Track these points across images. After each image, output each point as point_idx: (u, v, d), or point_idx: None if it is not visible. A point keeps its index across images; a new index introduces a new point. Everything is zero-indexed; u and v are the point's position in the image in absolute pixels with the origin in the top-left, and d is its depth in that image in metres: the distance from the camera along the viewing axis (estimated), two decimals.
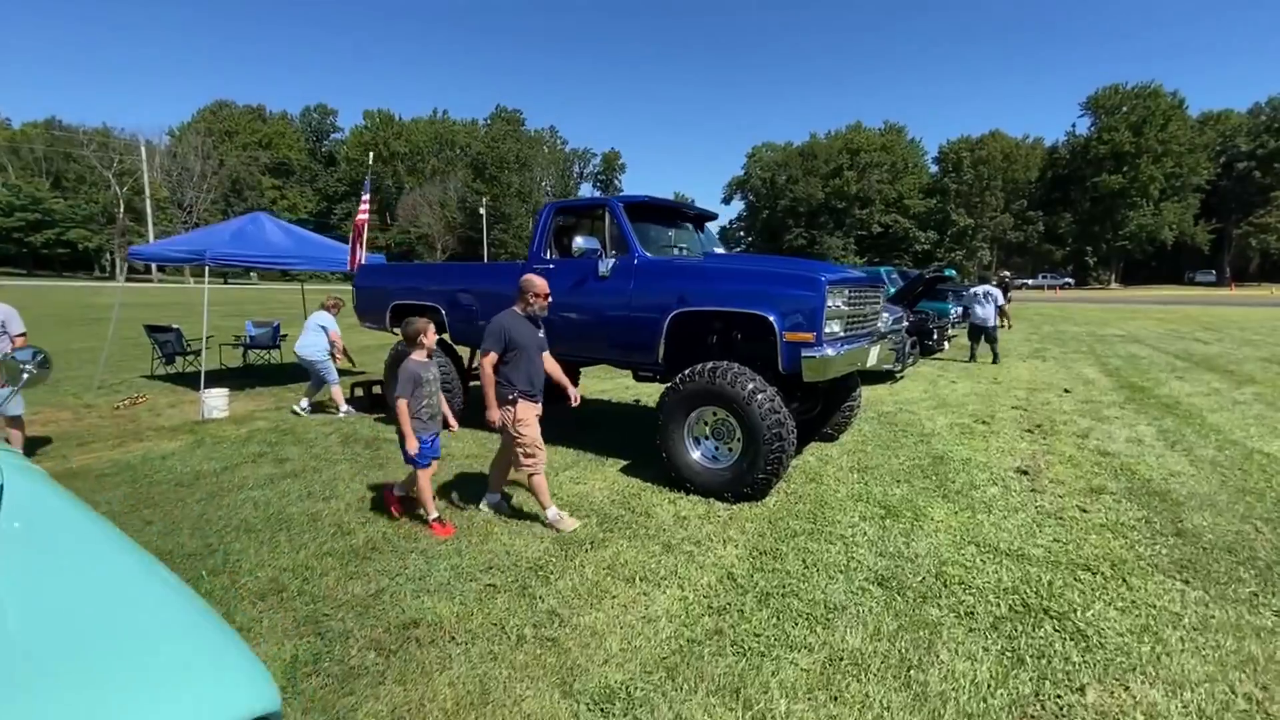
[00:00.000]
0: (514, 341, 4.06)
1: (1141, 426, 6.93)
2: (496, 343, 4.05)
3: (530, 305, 4.21)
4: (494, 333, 4.06)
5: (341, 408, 7.64)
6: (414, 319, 4.24)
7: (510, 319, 4.13)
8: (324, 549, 3.86)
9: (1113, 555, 3.72)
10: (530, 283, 4.23)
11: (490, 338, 4.06)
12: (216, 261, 8.21)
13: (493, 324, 4.09)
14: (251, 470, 5.42)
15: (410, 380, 4.01)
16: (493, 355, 4.04)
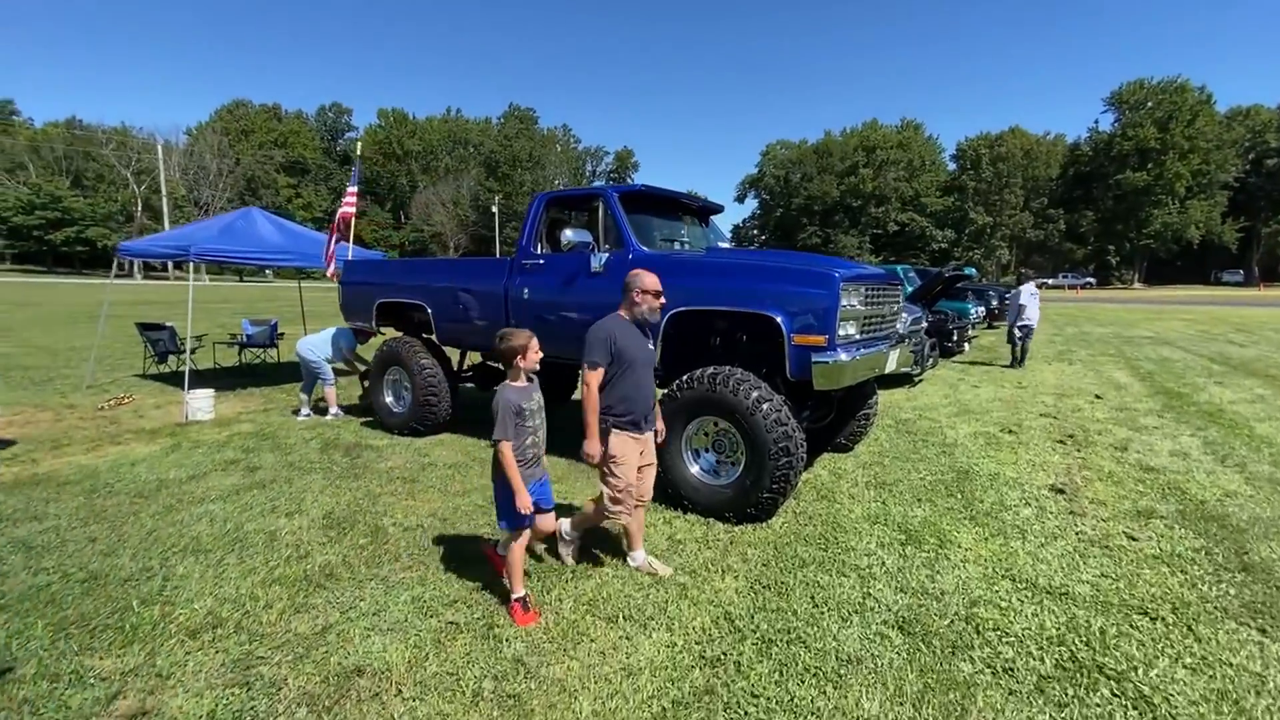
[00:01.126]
0: (621, 354, 3.29)
1: (1185, 437, 6.37)
2: (603, 354, 3.26)
3: (638, 307, 3.41)
4: (598, 342, 3.26)
5: (332, 409, 7.30)
6: (512, 331, 3.15)
7: (617, 325, 3.35)
8: (275, 575, 3.45)
9: (1173, 595, 3.22)
10: (637, 279, 3.41)
11: (595, 348, 3.25)
12: (201, 257, 7.89)
13: (595, 331, 3.30)
14: (219, 480, 5.04)
15: (511, 413, 3.01)
16: (601, 371, 3.27)
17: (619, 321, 3.39)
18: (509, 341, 3.10)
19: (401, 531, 4.02)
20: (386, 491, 4.77)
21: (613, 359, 3.28)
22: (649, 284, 3.41)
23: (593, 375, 3.27)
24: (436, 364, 6.16)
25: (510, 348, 3.09)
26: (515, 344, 3.09)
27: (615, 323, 3.37)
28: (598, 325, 3.35)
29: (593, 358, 3.27)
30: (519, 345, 3.09)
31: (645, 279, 3.41)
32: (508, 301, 5.41)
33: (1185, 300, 37.36)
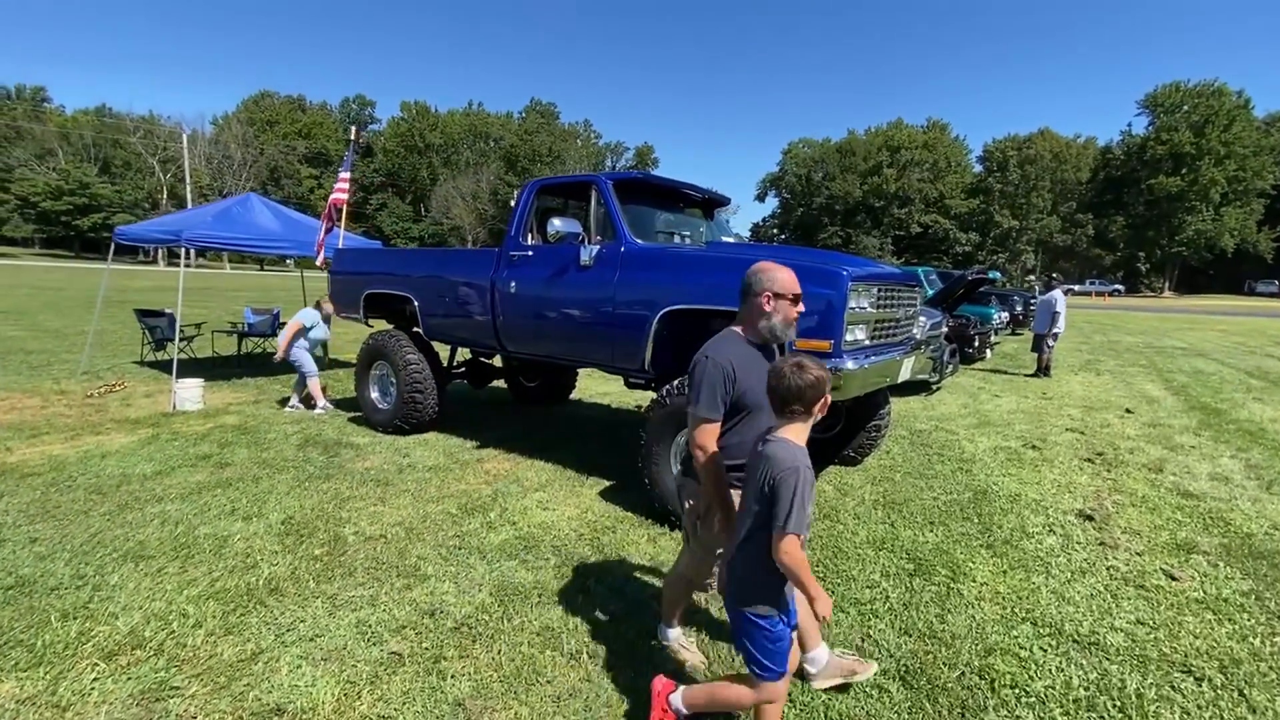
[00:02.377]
0: (743, 397, 2.22)
1: (1225, 459, 5.87)
2: (718, 402, 2.18)
3: (768, 320, 2.32)
4: (713, 382, 2.17)
5: (319, 403, 7.04)
6: (804, 362, 1.91)
7: (736, 352, 2.25)
8: (214, 587, 3.15)
9: (1220, 650, 2.79)
10: (766, 277, 2.32)
11: (706, 392, 2.17)
12: (194, 243, 7.67)
13: (706, 365, 2.19)
14: (185, 476, 4.77)
15: (809, 490, 1.84)
16: (714, 429, 2.21)
17: (739, 345, 2.28)
18: (813, 384, 1.88)
19: (362, 542, 3.71)
20: (356, 495, 4.46)
21: (733, 406, 2.21)
22: (785, 283, 2.29)
23: (705, 432, 2.17)
24: (423, 359, 5.85)
25: (810, 389, 1.88)
26: (821, 385, 1.90)
27: (734, 348, 2.25)
28: (710, 355, 2.20)
29: (701, 408, 2.15)
30: (814, 385, 1.89)
31: (779, 276, 2.30)
32: (494, 295, 5.09)
33: (1218, 310, 36.16)
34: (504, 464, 5.25)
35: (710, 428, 2.19)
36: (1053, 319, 10.88)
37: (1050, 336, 10.91)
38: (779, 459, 1.84)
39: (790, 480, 1.80)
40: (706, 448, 2.19)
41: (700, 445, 2.20)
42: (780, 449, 1.88)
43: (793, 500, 1.78)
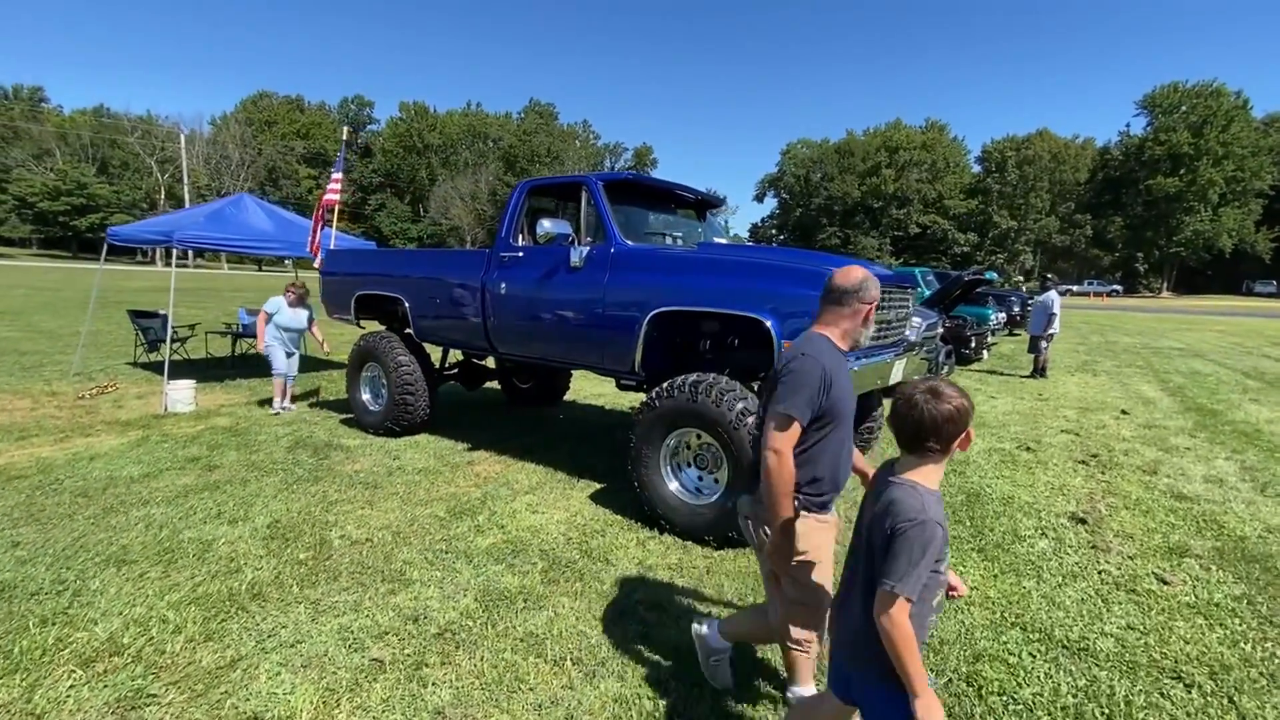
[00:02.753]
0: (833, 405, 2.05)
1: (1220, 461, 5.85)
2: (810, 405, 1.99)
3: (863, 329, 2.18)
4: (808, 383, 1.97)
5: (276, 403, 7.06)
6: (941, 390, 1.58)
7: (831, 357, 2.06)
8: (196, 592, 3.12)
9: (1211, 656, 2.77)
10: (865, 284, 2.12)
11: (799, 392, 1.96)
12: (185, 243, 7.62)
13: (802, 364, 1.99)
14: (172, 479, 4.74)
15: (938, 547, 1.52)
16: (797, 429, 1.99)
17: (833, 351, 2.08)
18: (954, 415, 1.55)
19: (348, 546, 3.68)
20: (344, 498, 4.43)
21: (821, 411, 2.03)
22: (873, 294, 2.13)
23: (787, 436, 1.96)
24: (414, 361, 5.82)
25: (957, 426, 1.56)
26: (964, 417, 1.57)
27: (830, 353, 2.05)
28: (811, 354, 2.00)
29: (793, 407, 1.95)
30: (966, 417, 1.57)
31: (874, 283, 2.14)
32: (485, 296, 5.06)
33: (1216, 310, 36.19)
34: (495, 466, 5.22)
35: (793, 431, 1.97)
36: (1048, 320, 10.87)
37: (1045, 338, 10.89)
38: (904, 507, 1.51)
39: (912, 535, 1.47)
40: (784, 452, 1.95)
41: (777, 449, 1.95)
42: (906, 495, 1.54)
43: (910, 558, 1.46)
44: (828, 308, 2.17)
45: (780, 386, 2.01)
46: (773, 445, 1.97)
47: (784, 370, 2.04)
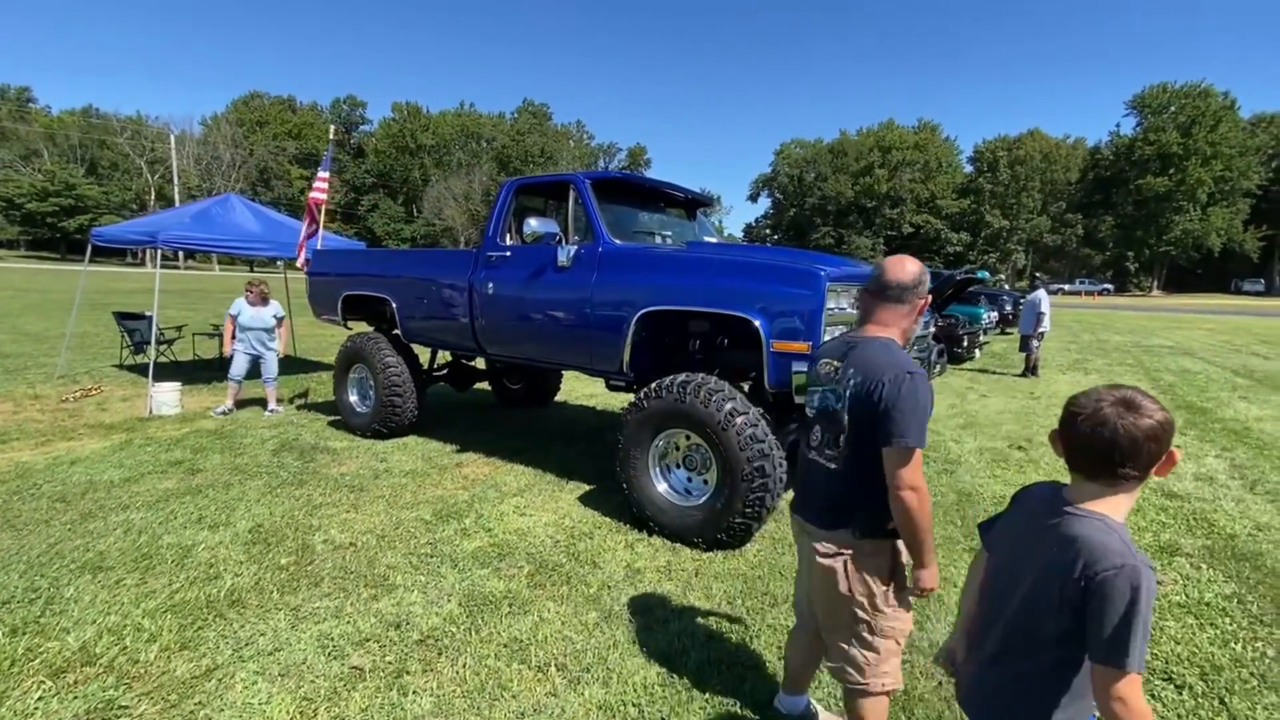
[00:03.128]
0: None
1: (1210, 459, 5.85)
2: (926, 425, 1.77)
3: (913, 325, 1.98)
4: (923, 404, 1.75)
5: (220, 406, 7.01)
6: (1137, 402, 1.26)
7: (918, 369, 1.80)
8: (174, 600, 3.06)
9: (1202, 656, 2.74)
10: (922, 279, 1.93)
11: (918, 415, 1.73)
12: (170, 244, 7.54)
13: (914, 382, 1.74)
14: (153, 483, 4.66)
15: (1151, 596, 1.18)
16: (920, 462, 1.76)
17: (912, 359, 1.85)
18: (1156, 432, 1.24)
19: (331, 550, 3.62)
20: (329, 501, 4.37)
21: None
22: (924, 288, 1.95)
23: (918, 467, 1.73)
24: (402, 362, 5.75)
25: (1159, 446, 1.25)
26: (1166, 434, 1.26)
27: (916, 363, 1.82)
28: (914, 371, 1.75)
29: (918, 436, 1.72)
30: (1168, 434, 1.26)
31: (927, 275, 1.98)
32: (472, 296, 5.00)
33: (1206, 309, 36.42)
34: (483, 468, 5.16)
35: (918, 462, 1.74)
36: (1037, 319, 10.90)
37: (1035, 336, 10.92)
38: (1104, 551, 1.18)
39: (1127, 590, 1.14)
40: (921, 487, 1.73)
41: (915, 484, 1.72)
42: (1101, 534, 1.22)
43: (1134, 621, 1.13)
44: (885, 306, 1.92)
45: (894, 413, 1.71)
46: (910, 482, 1.71)
47: (891, 394, 1.72)
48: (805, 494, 2.03)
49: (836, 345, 2.00)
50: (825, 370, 1.97)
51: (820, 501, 1.93)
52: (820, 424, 1.95)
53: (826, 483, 1.91)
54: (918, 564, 1.82)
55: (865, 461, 1.80)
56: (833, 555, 1.87)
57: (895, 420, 1.71)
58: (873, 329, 1.93)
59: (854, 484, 1.84)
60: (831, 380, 1.92)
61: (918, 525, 1.74)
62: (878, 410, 1.74)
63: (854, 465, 1.84)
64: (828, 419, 1.92)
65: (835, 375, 1.90)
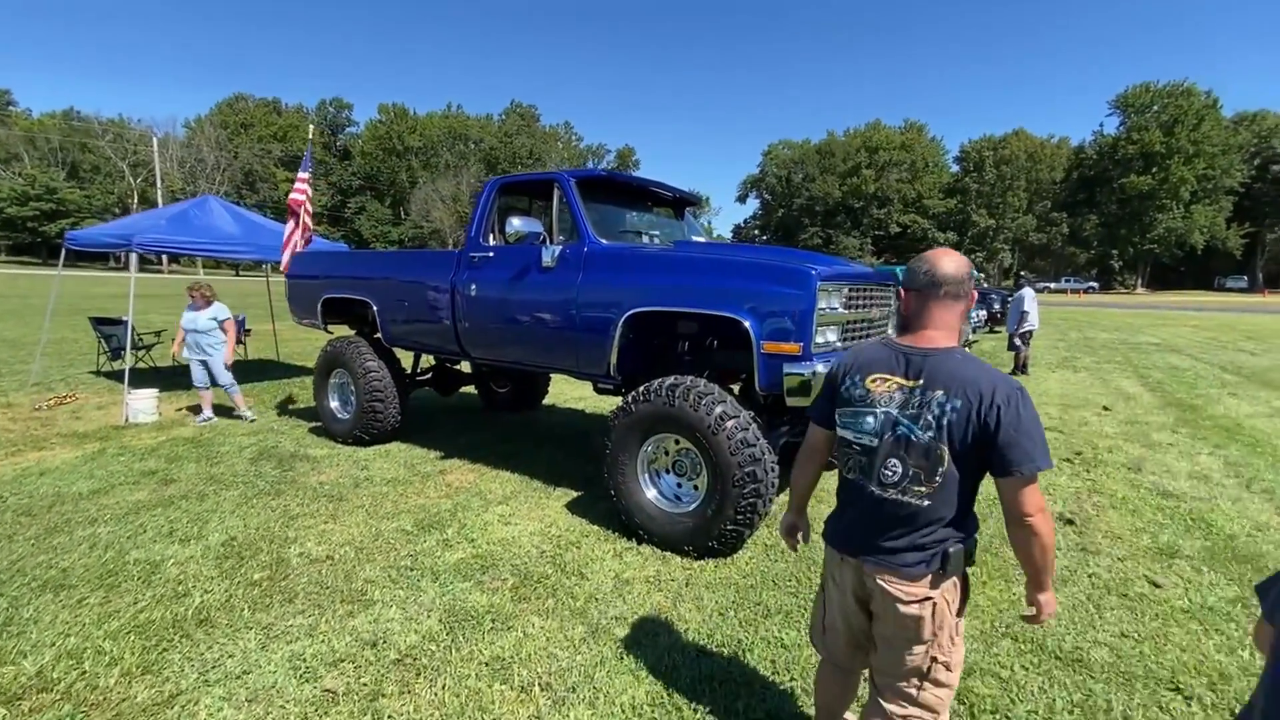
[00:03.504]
0: None
1: (1203, 457, 5.81)
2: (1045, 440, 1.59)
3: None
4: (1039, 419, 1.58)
5: (200, 415, 6.82)
6: None
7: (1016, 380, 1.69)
8: (139, 619, 2.91)
9: (1209, 665, 2.66)
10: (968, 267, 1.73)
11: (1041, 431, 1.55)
12: (144, 247, 7.35)
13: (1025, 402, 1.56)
14: (124, 495, 4.49)
15: None
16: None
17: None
18: None
19: (307, 564, 3.47)
20: (307, 512, 4.22)
21: None
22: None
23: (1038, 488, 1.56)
24: (383, 366, 5.60)
25: None
26: None
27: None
28: (1018, 388, 1.56)
29: (1044, 455, 1.53)
30: None
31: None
32: (455, 299, 4.86)
33: (1190, 305, 36.77)
34: (467, 475, 5.02)
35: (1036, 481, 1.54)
36: (1021, 317, 10.91)
37: (1020, 335, 10.92)
38: None
39: None
40: (1045, 508, 1.57)
41: (1041, 507, 1.54)
42: None
43: None
44: (942, 305, 1.67)
45: (1021, 439, 1.49)
46: (1039, 505, 1.54)
47: (1011, 418, 1.50)
48: (873, 534, 1.69)
49: (888, 356, 1.70)
50: (883, 389, 1.66)
51: (905, 544, 1.64)
52: (898, 457, 1.63)
53: (913, 522, 1.63)
54: (1039, 588, 1.63)
55: (967, 496, 1.60)
56: (920, 601, 1.62)
57: (1023, 446, 1.49)
58: (933, 335, 1.67)
59: (954, 522, 1.61)
60: (896, 403, 1.63)
61: (1045, 549, 1.56)
62: (995, 439, 1.51)
63: (953, 501, 1.59)
64: (911, 450, 1.61)
65: (907, 398, 1.62)
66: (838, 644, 1.89)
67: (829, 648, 1.94)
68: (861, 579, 1.72)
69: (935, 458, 1.58)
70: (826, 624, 1.92)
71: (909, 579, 1.63)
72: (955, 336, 1.68)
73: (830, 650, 1.93)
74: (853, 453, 1.74)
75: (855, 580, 1.75)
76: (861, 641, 1.82)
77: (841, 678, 1.97)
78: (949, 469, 1.57)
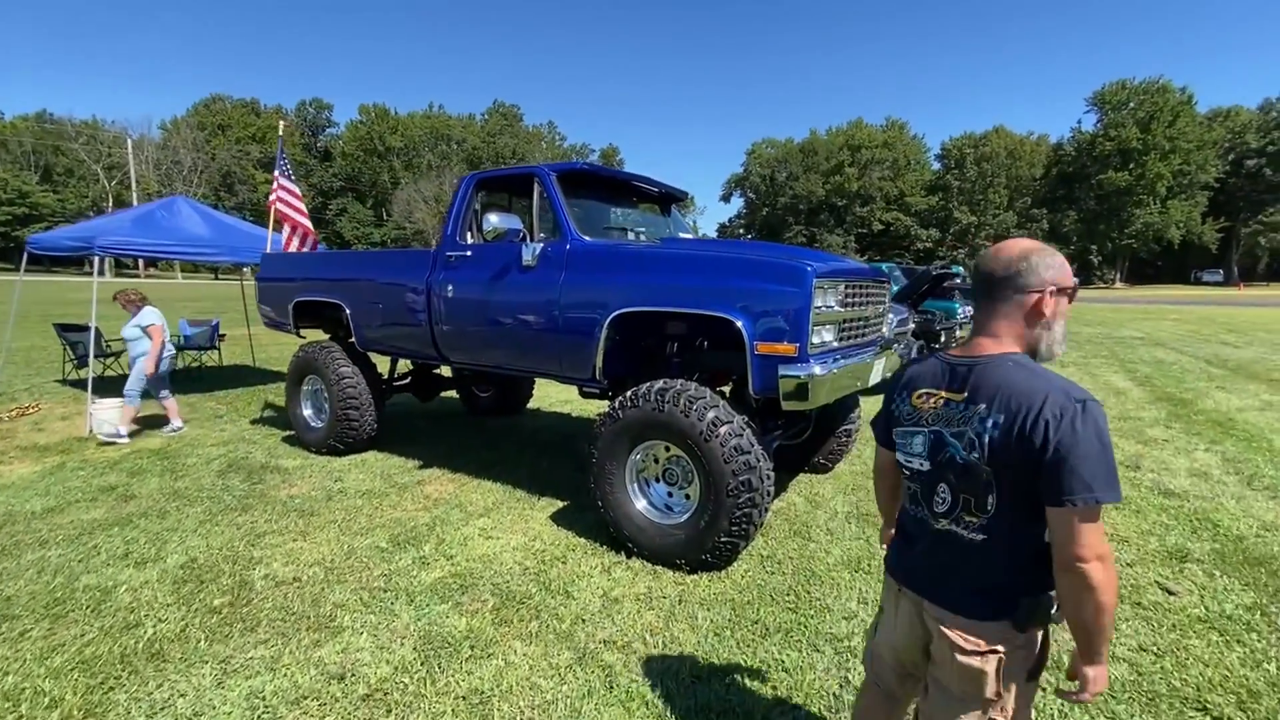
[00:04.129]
0: None
1: (1200, 453, 5.71)
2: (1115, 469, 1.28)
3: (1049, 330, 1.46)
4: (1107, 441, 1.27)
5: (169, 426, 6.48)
6: None
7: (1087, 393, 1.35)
8: (85, 654, 2.66)
9: (1234, 680, 2.50)
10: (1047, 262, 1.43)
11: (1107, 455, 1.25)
12: (108, 250, 7.04)
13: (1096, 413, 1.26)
14: (79, 513, 4.22)
15: None
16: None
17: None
18: None
19: (272, 587, 3.23)
20: (275, 529, 3.97)
21: None
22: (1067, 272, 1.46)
23: (1101, 531, 1.28)
24: (358, 372, 5.36)
25: None
26: None
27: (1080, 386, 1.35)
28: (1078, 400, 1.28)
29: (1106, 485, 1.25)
30: None
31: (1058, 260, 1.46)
32: (431, 300, 4.64)
33: (1168, 300, 37.22)
34: (447, 486, 4.79)
35: (1100, 522, 1.28)
36: None
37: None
38: None
39: None
40: (1108, 555, 1.26)
41: (1101, 553, 1.25)
42: None
43: None
44: (997, 303, 1.44)
45: (1071, 460, 1.24)
46: (1098, 550, 1.24)
47: (1063, 434, 1.25)
48: (932, 570, 1.50)
49: (935, 369, 1.51)
50: (928, 405, 1.48)
51: (965, 584, 1.43)
52: (948, 481, 1.44)
53: (973, 559, 1.42)
54: (1089, 658, 1.31)
55: (1026, 528, 1.34)
56: (983, 653, 1.39)
57: (1074, 470, 1.23)
58: (985, 342, 1.45)
59: (1017, 559, 1.37)
60: (942, 419, 1.44)
61: (1103, 608, 1.26)
62: (1042, 459, 1.26)
63: (1012, 535, 1.36)
64: (958, 474, 1.41)
65: (954, 414, 1.42)
66: (885, 669, 1.70)
67: (877, 671, 1.73)
68: (921, 617, 1.51)
69: (983, 483, 1.36)
70: (874, 650, 1.72)
71: (969, 627, 1.41)
72: (1014, 341, 1.43)
73: (878, 673, 1.73)
74: (906, 477, 1.57)
75: (914, 616, 1.54)
76: (912, 671, 1.63)
77: (885, 705, 1.75)
78: (1000, 495, 1.34)
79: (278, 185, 6.83)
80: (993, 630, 1.38)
